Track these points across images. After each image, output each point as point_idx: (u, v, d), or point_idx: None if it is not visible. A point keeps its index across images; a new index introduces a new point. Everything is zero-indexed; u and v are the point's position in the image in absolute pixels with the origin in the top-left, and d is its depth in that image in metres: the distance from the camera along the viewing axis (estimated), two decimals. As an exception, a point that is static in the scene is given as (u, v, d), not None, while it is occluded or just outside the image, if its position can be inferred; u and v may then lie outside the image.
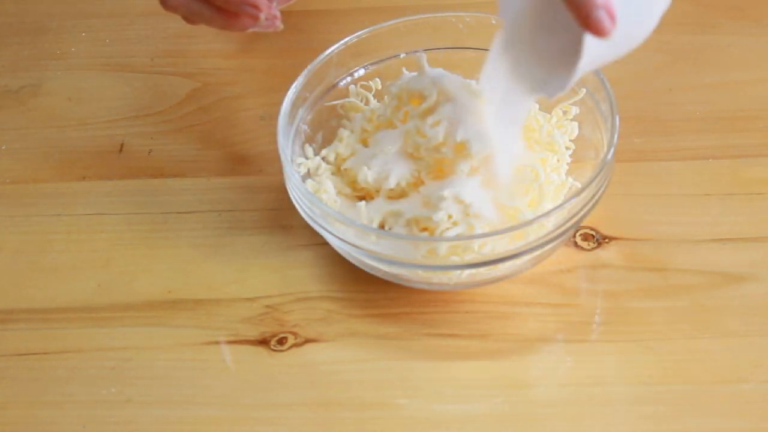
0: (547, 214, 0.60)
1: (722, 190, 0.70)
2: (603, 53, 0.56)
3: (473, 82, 0.66)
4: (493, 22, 0.69)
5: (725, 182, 0.70)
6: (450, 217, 0.62)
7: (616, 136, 0.63)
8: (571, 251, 0.67)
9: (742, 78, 0.77)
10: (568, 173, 0.67)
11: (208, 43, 0.84)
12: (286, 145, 0.66)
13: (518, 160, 0.64)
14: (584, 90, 0.67)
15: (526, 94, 0.60)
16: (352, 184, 0.67)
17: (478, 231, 0.62)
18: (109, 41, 0.85)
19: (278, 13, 0.67)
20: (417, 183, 0.65)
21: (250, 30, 0.68)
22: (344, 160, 0.68)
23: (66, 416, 0.61)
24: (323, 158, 0.68)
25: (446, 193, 0.62)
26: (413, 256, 0.61)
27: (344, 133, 0.68)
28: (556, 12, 0.57)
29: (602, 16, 0.53)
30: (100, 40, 0.85)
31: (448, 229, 0.62)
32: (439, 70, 0.66)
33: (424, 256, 0.61)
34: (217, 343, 0.64)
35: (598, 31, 0.53)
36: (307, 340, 0.64)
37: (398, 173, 0.64)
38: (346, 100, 0.71)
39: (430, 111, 0.64)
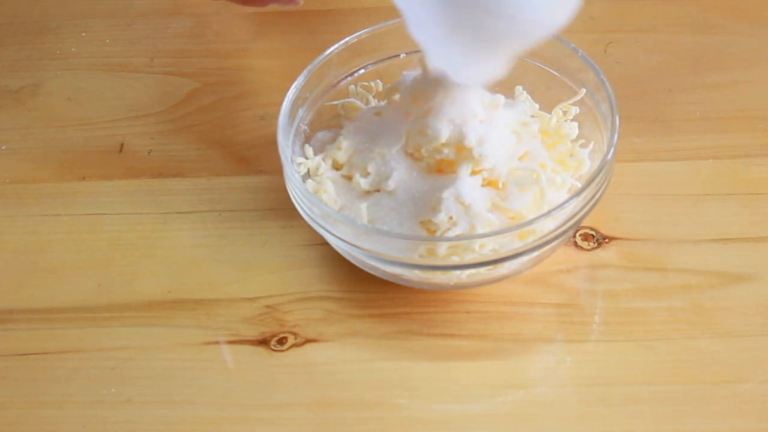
0: (547, 214, 0.60)
1: (722, 190, 0.70)
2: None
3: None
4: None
5: (725, 182, 0.70)
6: (450, 217, 0.62)
7: (616, 136, 0.63)
8: (571, 251, 0.67)
9: (742, 78, 0.77)
10: (568, 173, 0.67)
11: (208, 43, 0.84)
12: (286, 145, 0.66)
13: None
14: (584, 90, 0.67)
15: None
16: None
17: (479, 231, 0.62)
18: (109, 41, 0.85)
19: None
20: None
21: (269, 6, 0.66)
22: (342, 166, 0.67)
23: (66, 416, 0.61)
24: (323, 158, 0.68)
25: (446, 194, 0.62)
26: (413, 256, 0.61)
27: (343, 142, 0.68)
28: None
29: None
30: (100, 40, 0.85)
31: (448, 229, 0.62)
32: (441, 71, 0.66)
33: (423, 256, 0.61)
34: (217, 343, 0.64)
35: None
36: (307, 340, 0.64)
37: (397, 176, 0.64)
38: (346, 100, 0.71)
39: (432, 111, 0.64)
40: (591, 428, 0.59)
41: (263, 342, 0.64)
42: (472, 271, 0.61)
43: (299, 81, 0.68)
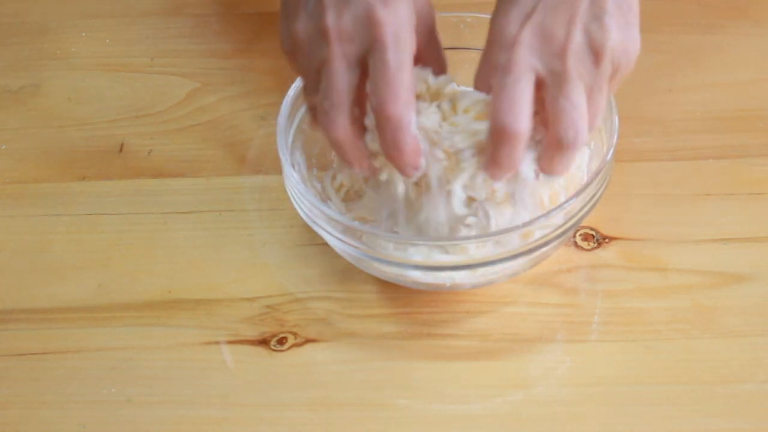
0: (547, 214, 0.60)
1: (722, 190, 0.70)
2: None
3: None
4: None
5: (725, 182, 0.70)
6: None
7: (615, 136, 0.63)
8: (571, 251, 0.67)
9: (742, 78, 0.77)
10: (568, 173, 0.67)
11: (208, 43, 0.84)
12: (285, 145, 0.66)
13: None
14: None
15: None
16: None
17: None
18: (109, 41, 0.85)
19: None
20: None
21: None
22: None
23: (66, 416, 0.61)
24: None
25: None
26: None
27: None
28: None
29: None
30: (100, 40, 0.85)
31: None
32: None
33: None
34: (217, 343, 0.64)
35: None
36: (307, 340, 0.64)
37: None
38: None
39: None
40: (591, 428, 0.59)
41: (263, 342, 0.64)
42: (472, 271, 0.61)
43: (299, 81, 0.68)
